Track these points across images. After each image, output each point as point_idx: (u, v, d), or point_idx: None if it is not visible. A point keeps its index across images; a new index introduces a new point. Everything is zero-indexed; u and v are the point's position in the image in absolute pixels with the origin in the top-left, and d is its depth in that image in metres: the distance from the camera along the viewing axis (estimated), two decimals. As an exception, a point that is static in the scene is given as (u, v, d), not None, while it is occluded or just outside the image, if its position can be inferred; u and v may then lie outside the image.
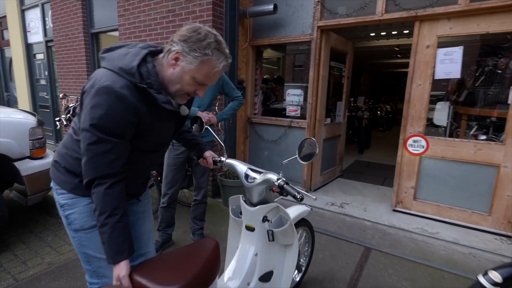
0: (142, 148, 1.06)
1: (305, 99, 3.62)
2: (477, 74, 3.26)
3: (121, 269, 0.94)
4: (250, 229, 1.35)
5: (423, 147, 2.95)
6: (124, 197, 0.98)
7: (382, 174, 4.77)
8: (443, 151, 2.85)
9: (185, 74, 0.96)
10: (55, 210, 1.34)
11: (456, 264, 2.28)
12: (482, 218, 2.76)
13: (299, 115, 3.70)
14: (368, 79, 13.97)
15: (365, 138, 6.47)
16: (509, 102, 2.54)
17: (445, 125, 3.08)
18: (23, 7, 6.11)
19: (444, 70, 2.75)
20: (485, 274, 1.05)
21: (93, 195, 0.95)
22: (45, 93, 6.22)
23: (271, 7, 3.32)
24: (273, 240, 1.32)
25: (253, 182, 1.28)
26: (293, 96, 3.71)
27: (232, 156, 3.65)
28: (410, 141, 3.02)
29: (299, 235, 1.87)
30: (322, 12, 3.27)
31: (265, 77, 5.97)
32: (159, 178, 2.85)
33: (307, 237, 1.97)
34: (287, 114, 3.78)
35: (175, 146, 2.19)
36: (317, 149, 1.35)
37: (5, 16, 6.61)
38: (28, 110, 5.13)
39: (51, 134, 6.13)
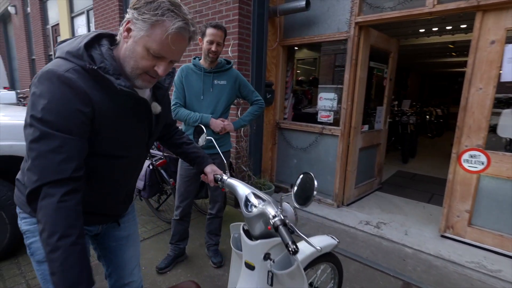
0: (106, 151, 0.87)
1: (339, 103, 3.27)
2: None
3: None
4: (249, 266, 1.11)
5: (482, 163, 2.44)
6: (80, 214, 0.76)
7: (429, 189, 4.19)
8: (509, 169, 2.32)
9: (137, 45, 0.79)
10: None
11: (526, 317, 1.80)
12: None
13: (332, 121, 3.36)
14: (416, 80, 12.81)
15: (410, 146, 5.82)
16: None
17: (512, 137, 2.52)
18: (73, 14, 6.55)
19: (514, 70, 2.23)
20: None
21: (39, 211, 0.72)
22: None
23: (303, 3, 3.03)
24: (271, 285, 1.06)
25: (251, 212, 1.06)
26: (325, 100, 3.38)
27: (258, 164, 3.43)
28: (465, 156, 2.52)
29: (322, 270, 1.58)
30: (361, 7, 2.90)
31: (299, 78, 5.67)
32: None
33: (332, 273, 1.66)
34: (318, 120, 3.45)
35: None
36: (315, 191, 0.98)
37: (58, 24, 7.16)
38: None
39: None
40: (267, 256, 1.06)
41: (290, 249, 0.84)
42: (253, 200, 1.09)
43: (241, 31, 3.00)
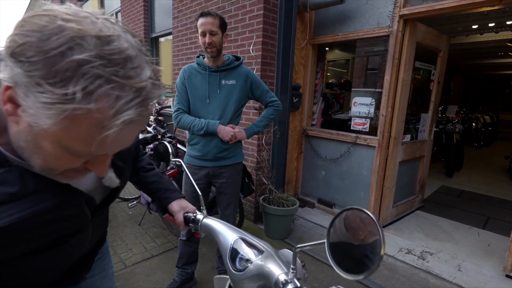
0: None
1: (376, 110, 2.84)
2: None
3: None
4: None
5: None
6: None
7: (482, 210, 3.58)
8: None
9: (41, 139, 0.42)
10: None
11: None
12: None
13: (367, 129, 2.93)
14: (460, 84, 11.69)
15: (455, 157, 5.14)
16: None
17: None
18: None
19: None
20: None
21: None
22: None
23: (337, -5, 2.66)
24: None
25: (243, 270, 0.70)
26: (360, 106, 2.96)
27: (281, 176, 3.08)
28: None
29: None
30: (408, -4, 2.47)
31: (330, 81, 5.25)
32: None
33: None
34: (352, 128, 3.04)
35: (193, 170, 1.74)
36: (382, 250, 0.50)
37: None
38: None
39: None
40: None
41: None
42: (245, 250, 0.73)
43: (265, 28, 2.69)
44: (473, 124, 7.93)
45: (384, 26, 2.61)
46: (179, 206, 0.87)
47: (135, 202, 2.76)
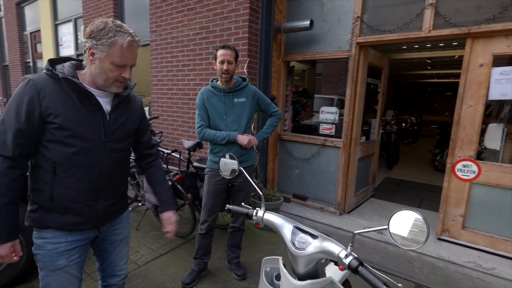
0: (57, 138, 1.06)
1: (340, 117, 3.47)
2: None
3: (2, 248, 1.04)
4: None
5: (474, 172, 2.72)
6: (15, 187, 1.04)
7: (417, 194, 4.51)
8: (498, 178, 2.62)
9: (103, 63, 1.05)
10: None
11: (524, 310, 2.04)
12: (545, 253, 2.49)
13: (333, 133, 3.55)
14: (391, 91, 13.61)
15: (394, 153, 6.20)
16: None
17: (498, 148, 2.84)
18: (57, 22, 6.32)
19: (500, 90, 2.54)
20: None
21: None
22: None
23: (307, 23, 3.22)
24: None
25: (303, 248, 0.97)
26: (327, 114, 3.57)
27: (263, 175, 3.53)
28: (459, 166, 2.79)
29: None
30: (361, 28, 3.14)
31: (300, 89, 5.84)
32: (197, 203, 2.77)
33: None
34: (320, 132, 3.63)
35: (215, 172, 2.10)
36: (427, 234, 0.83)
37: (39, 30, 6.86)
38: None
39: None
40: None
41: None
42: (302, 235, 1.02)
43: (250, 48, 3.12)
44: (403, 124, 9.44)
45: (344, 50, 3.25)
46: (166, 217, 1.38)
47: (130, 209, 2.92)
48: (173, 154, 2.87)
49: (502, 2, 2.44)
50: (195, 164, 2.89)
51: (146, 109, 4.71)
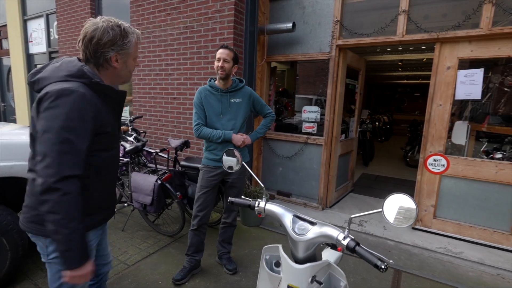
0: (105, 145, 1.12)
1: (322, 116, 3.63)
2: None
3: (87, 267, 1.03)
4: None
5: (443, 166, 2.97)
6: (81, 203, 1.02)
7: (392, 188, 4.80)
8: (464, 170, 2.88)
9: (127, 63, 1.15)
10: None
11: (488, 287, 2.28)
12: (504, 237, 2.78)
13: (315, 131, 3.70)
14: (364, 91, 14.20)
15: (369, 150, 6.53)
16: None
17: (463, 144, 3.12)
18: (25, 17, 5.99)
19: (464, 91, 2.80)
20: None
21: (55, 201, 0.93)
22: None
23: (289, 25, 3.34)
24: None
25: (303, 234, 1.07)
26: (309, 113, 3.72)
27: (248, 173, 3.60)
28: (430, 160, 3.04)
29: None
30: (341, 31, 3.31)
31: (280, 89, 5.95)
32: (184, 201, 2.78)
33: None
34: (303, 131, 3.77)
35: (209, 168, 2.14)
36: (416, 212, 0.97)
37: (5, 25, 6.46)
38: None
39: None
40: (314, 279, 1.06)
41: (382, 267, 0.86)
42: (301, 222, 1.11)
43: (235, 49, 3.18)
44: (377, 123, 9.92)
45: (325, 52, 3.41)
46: None
47: (115, 210, 2.88)
48: (160, 154, 2.87)
49: (465, 10, 2.70)
50: (183, 163, 2.91)
51: (126, 108, 4.62)
